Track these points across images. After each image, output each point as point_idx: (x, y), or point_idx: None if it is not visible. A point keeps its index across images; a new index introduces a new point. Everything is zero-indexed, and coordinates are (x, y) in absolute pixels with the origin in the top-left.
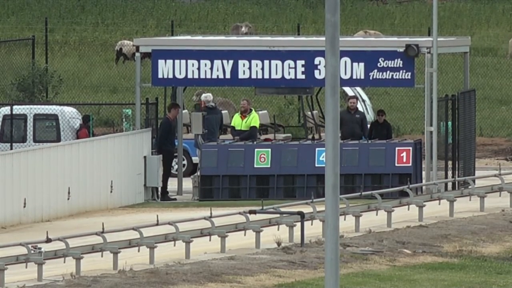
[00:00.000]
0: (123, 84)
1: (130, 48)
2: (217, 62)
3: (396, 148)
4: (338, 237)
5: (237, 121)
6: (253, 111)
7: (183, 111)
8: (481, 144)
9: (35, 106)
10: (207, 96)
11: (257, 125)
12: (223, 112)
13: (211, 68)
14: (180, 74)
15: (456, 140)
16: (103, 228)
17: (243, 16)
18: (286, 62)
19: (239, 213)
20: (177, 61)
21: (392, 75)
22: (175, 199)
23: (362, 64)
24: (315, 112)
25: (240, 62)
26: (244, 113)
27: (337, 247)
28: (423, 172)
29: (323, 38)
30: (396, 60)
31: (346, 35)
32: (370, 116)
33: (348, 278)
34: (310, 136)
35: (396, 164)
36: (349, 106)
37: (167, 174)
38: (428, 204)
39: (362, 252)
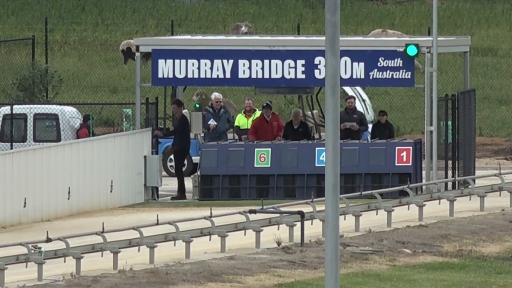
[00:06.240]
0: (123, 84)
1: None
2: (217, 62)
3: (396, 148)
4: (338, 237)
5: (243, 121)
6: (257, 110)
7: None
8: (481, 144)
9: (35, 106)
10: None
11: None
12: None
13: (211, 68)
14: (180, 73)
15: (456, 139)
16: (103, 228)
17: (243, 16)
18: (286, 62)
19: (239, 212)
20: (177, 61)
21: (392, 74)
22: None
23: (362, 64)
24: (315, 111)
25: (240, 62)
26: (249, 113)
27: (337, 247)
28: (423, 172)
29: (323, 38)
30: (396, 59)
31: (346, 34)
32: (370, 116)
33: (348, 278)
34: None
35: (396, 164)
36: (347, 106)
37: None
38: (428, 203)
39: (362, 252)
